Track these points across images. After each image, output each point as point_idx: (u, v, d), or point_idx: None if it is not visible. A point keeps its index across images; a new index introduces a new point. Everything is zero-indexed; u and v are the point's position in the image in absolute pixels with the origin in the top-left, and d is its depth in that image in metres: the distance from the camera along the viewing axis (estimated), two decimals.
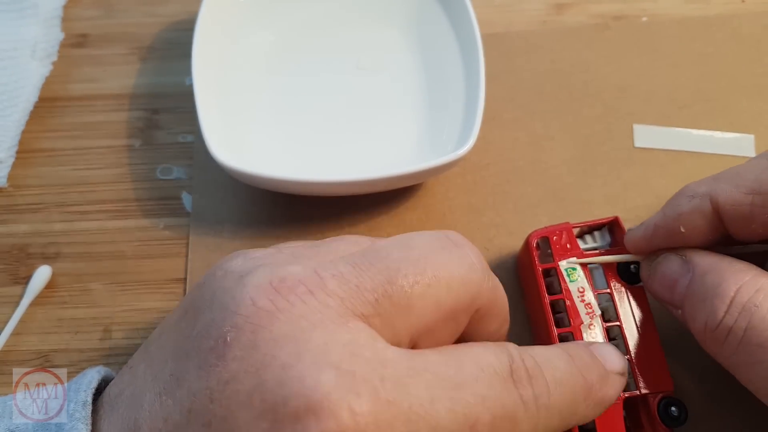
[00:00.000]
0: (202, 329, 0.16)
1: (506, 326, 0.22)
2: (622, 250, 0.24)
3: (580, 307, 0.24)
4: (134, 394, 0.17)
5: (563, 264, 0.25)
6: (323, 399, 0.14)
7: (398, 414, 0.15)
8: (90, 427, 0.17)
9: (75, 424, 0.17)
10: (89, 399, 0.17)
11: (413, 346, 0.18)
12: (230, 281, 0.17)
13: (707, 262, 0.21)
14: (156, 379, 0.17)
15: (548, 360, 0.19)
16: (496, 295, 0.20)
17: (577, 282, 0.24)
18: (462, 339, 0.20)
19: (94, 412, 0.18)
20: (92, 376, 0.18)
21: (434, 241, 0.19)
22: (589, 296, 0.24)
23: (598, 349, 0.21)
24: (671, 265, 0.22)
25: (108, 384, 0.19)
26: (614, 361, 0.21)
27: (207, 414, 0.15)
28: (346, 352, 0.15)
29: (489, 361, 0.17)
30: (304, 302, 0.16)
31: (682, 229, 0.21)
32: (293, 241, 0.22)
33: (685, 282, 0.21)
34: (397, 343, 0.17)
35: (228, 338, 0.15)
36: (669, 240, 0.22)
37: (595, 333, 0.24)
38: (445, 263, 0.18)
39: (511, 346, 0.19)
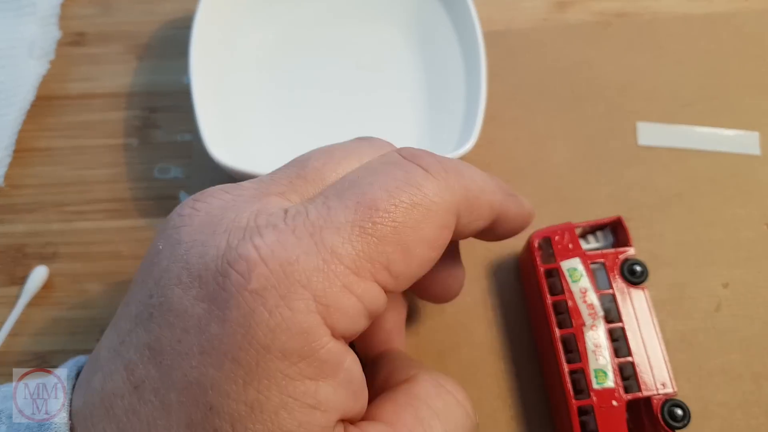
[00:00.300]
0: (146, 259, 0.18)
1: None
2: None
3: (583, 307, 0.24)
4: (100, 342, 0.18)
5: (565, 264, 0.24)
6: (233, 251, 0.15)
7: (301, 234, 0.16)
8: (70, 395, 0.17)
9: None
10: (72, 374, 0.18)
11: None
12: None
13: None
14: (114, 317, 0.18)
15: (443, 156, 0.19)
16: None
17: (579, 282, 0.24)
18: None
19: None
20: (79, 358, 0.19)
21: (345, 140, 0.20)
22: (592, 297, 0.24)
23: None
24: None
25: None
26: None
27: (148, 308, 0.16)
28: (253, 215, 0.16)
29: (375, 160, 0.18)
30: (220, 198, 0.17)
31: None
32: None
33: None
34: None
35: (160, 247, 0.17)
36: None
37: (597, 334, 0.23)
38: (354, 148, 0.19)
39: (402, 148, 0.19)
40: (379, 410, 0.18)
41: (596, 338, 0.23)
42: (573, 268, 0.24)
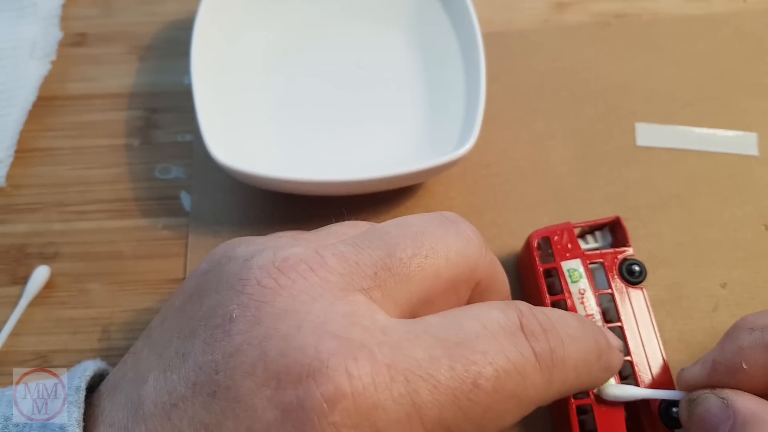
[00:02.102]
0: (209, 309, 0.17)
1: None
2: (666, 384, 0.23)
3: (581, 308, 0.24)
4: (138, 373, 0.17)
5: (564, 264, 0.25)
6: (322, 365, 0.15)
7: (396, 375, 0.15)
8: (83, 410, 0.17)
9: (68, 407, 0.17)
10: (83, 385, 0.18)
11: (414, 316, 0.18)
12: (236, 265, 0.18)
13: (750, 407, 0.18)
14: (161, 358, 0.17)
15: (562, 317, 0.19)
16: (495, 269, 0.21)
17: (578, 282, 0.24)
18: None
19: (95, 398, 0.18)
20: (87, 366, 0.19)
21: (431, 219, 0.19)
22: (591, 297, 0.24)
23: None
24: (710, 407, 0.19)
25: (104, 377, 0.19)
26: (613, 336, 0.21)
27: (212, 385, 0.15)
28: (345, 321, 0.16)
29: (493, 317, 0.17)
30: (305, 279, 0.17)
31: (745, 366, 0.19)
32: (291, 231, 0.22)
33: (725, 429, 0.18)
34: (398, 315, 0.17)
35: (234, 315, 0.16)
36: (731, 378, 0.20)
37: None
38: (442, 236, 0.19)
39: (522, 304, 0.19)
40: None
41: None
42: (572, 269, 0.24)
